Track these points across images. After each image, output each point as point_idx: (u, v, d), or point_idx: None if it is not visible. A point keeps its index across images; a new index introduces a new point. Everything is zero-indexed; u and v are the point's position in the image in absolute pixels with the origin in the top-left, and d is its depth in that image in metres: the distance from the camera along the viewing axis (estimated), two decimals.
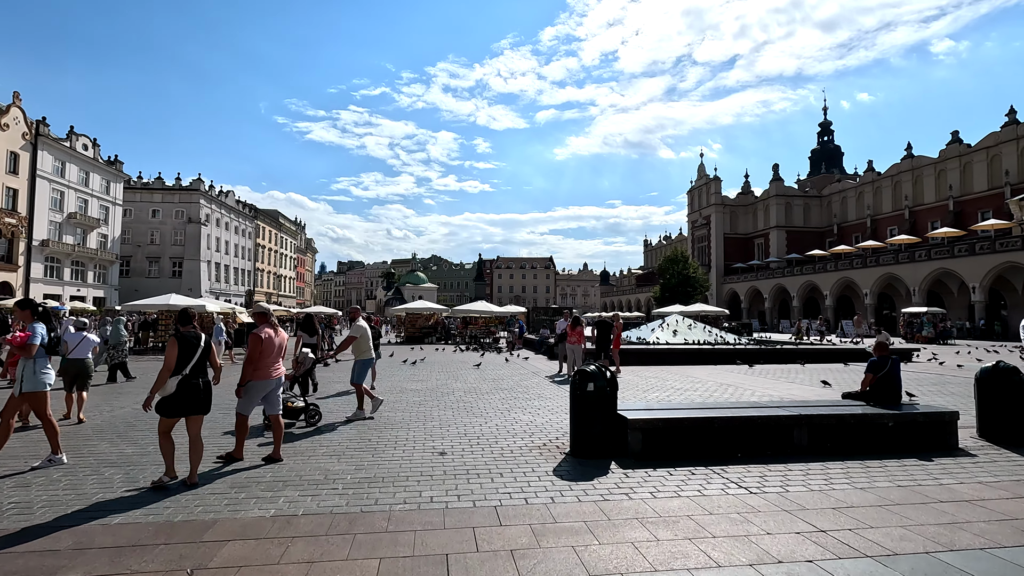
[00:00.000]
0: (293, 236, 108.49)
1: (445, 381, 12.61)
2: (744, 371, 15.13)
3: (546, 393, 10.69)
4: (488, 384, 12.06)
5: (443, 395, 10.36)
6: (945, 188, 55.03)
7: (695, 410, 6.32)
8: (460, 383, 12.23)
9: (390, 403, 9.32)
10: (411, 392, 10.71)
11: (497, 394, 10.52)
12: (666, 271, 57.22)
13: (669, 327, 22.22)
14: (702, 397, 10.06)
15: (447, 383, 12.26)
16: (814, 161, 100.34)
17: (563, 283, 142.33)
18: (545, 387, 11.55)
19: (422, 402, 9.48)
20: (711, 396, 10.23)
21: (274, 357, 5.65)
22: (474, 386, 11.72)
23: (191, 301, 23.70)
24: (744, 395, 10.34)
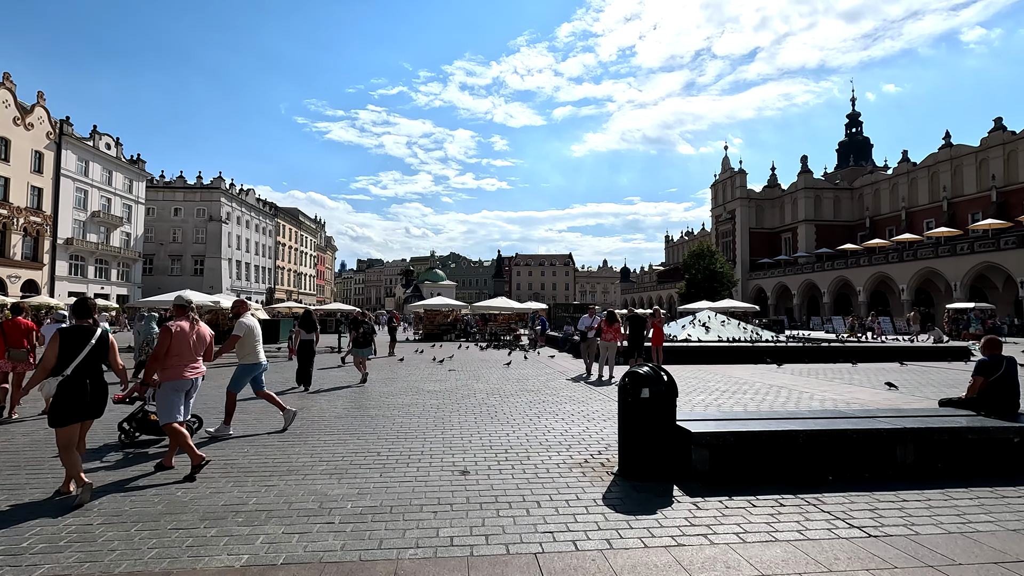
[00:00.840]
0: (313, 234, 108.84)
1: (466, 381, 11.62)
2: (791, 372, 13.87)
3: (577, 395, 9.63)
4: (512, 385, 11.04)
5: (463, 397, 9.36)
6: (987, 178, 52.39)
7: (769, 421, 5.20)
8: (482, 384, 11.23)
9: (404, 407, 8.35)
10: (428, 394, 9.74)
11: (523, 396, 9.49)
12: (692, 266, 55.52)
13: (701, 323, 20.97)
14: (755, 402, 8.89)
15: (468, 383, 11.27)
16: (842, 154, 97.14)
17: (582, 280, 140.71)
18: (575, 389, 10.48)
19: (440, 406, 8.49)
20: (764, 401, 9.06)
21: (189, 355, 5.12)
22: (497, 387, 10.71)
23: (206, 297, 23.14)
24: (803, 400, 9.14)
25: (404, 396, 9.46)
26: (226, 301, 23.68)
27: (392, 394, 9.73)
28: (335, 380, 11.84)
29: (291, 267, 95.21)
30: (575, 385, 11.03)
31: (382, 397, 9.36)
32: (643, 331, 12.74)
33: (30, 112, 46.31)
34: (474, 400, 9.05)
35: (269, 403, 6.92)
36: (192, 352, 5.18)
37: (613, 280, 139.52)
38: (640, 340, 12.69)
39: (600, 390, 10.37)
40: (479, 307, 31.56)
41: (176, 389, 5.02)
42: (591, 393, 9.95)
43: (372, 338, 12.01)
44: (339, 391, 10.20)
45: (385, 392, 9.96)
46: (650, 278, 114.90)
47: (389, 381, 11.66)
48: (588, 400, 9.10)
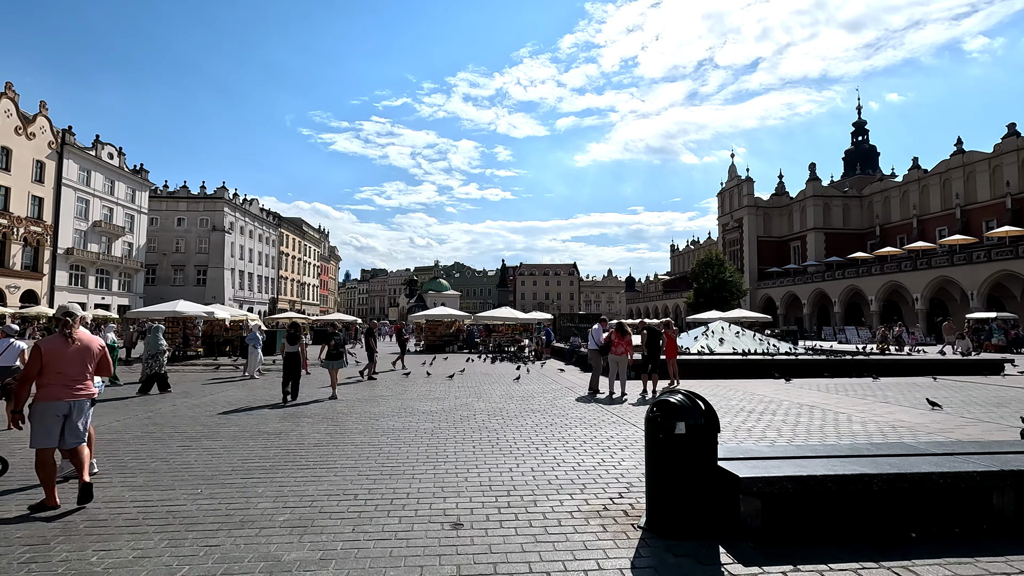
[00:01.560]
0: (317, 244, 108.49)
1: (466, 399, 10.71)
2: (816, 388, 12.87)
3: (589, 417, 8.69)
4: (516, 404, 10.11)
5: (462, 420, 8.44)
6: (1002, 185, 51.29)
7: (830, 460, 4.25)
8: (484, 402, 10.30)
9: (395, 432, 7.44)
10: (422, 416, 8.82)
11: (528, 418, 8.56)
12: (700, 275, 54.50)
13: (715, 335, 19.98)
14: (789, 426, 7.93)
15: (468, 401, 10.35)
16: (848, 162, 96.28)
17: (587, 289, 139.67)
18: (586, 410, 9.54)
19: (435, 431, 7.56)
20: (799, 424, 8.10)
21: (69, 372, 4.50)
22: (499, 406, 9.79)
23: (199, 308, 22.35)
24: (843, 423, 8.17)
25: (396, 418, 8.55)
26: (221, 312, 22.91)
27: (383, 415, 8.82)
28: (324, 395, 10.95)
29: (294, 277, 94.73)
30: (585, 405, 10.08)
31: (372, 419, 8.46)
32: (659, 344, 11.82)
33: (32, 122, 46.02)
34: (473, 423, 8.13)
35: None
36: (74, 369, 4.53)
37: (618, 289, 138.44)
38: (656, 354, 11.75)
39: (612, 410, 9.43)
40: (483, 317, 30.67)
41: (52, 412, 4.38)
42: (603, 414, 9.00)
43: (344, 350, 11.88)
44: (326, 409, 9.31)
45: (376, 413, 9.05)
46: (655, 288, 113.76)
47: (382, 399, 10.75)
48: (601, 423, 8.16)
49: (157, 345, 11.71)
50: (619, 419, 8.50)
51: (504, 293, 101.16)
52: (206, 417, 8.55)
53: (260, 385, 13.16)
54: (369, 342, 15.35)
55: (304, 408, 9.57)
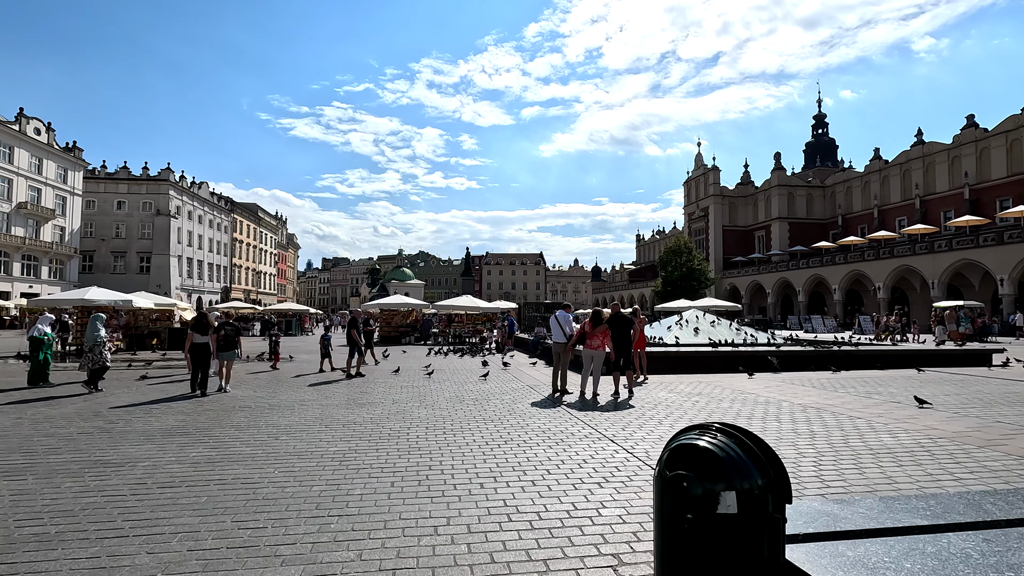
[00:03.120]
0: (273, 231, 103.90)
1: (406, 404, 8.80)
2: (810, 384, 11.46)
3: (555, 429, 6.91)
4: (466, 411, 8.25)
5: (390, 437, 6.54)
6: (960, 175, 51.99)
7: (963, 533, 2.51)
8: (426, 408, 8.41)
9: (292, 459, 5.48)
10: (341, 429, 6.87)
11: (478, 432, 6.72)
12: (668, 263, 53.63)
13: (689, 324, 18.55)
14: (808, 441, 6.30)
15: (407, 408, 8.45)
16: (809, 154, 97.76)
17: (553, 279, 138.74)
18: (552, 418, 7.75)
19: (347, 455, 5.63)
20: (815, 436, 6.51)
21: None
22: (445, 414, 7.92)
23: (114, 296, 19.60)
24: (868, 434, 6.62)
25: (303, 434, 6.57)
26: (141, 301, 20.23)
27: (289, 430, 6.83)
28: (240, 395, 8.86)
29: (249, 265, 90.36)
30: (550, 411, 8.28)
31: (271, 437, 6.46)
32: (630, 334, 10.05)
33: None
34: (403, 443, 6.23)
35: None
36: None
37: (584, 279, 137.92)
38: (627, 346, 9.99)
39: (582, 417, 7.67)
40: (442, 306, 28.63)
41: None
42: (571, 424, 7.23)
43: (237, 340, 11.17)
44: (215, 420, 7.25)
45: (282, 427, 7.04)
46: (621, 277, 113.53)
47: (301, 406, 8.74)
48: (569, 438, 6.39)
49: (94, 336, 10.66)
50: (591, 431, 6.74)
51: (468, 282, 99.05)
52: (61, 427, 6.40)
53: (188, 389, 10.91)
54: (351, 334, 13.30)
55: (197, 416, 7.48)
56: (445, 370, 14.38)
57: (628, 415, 7.80)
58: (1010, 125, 47.87)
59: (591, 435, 6.47)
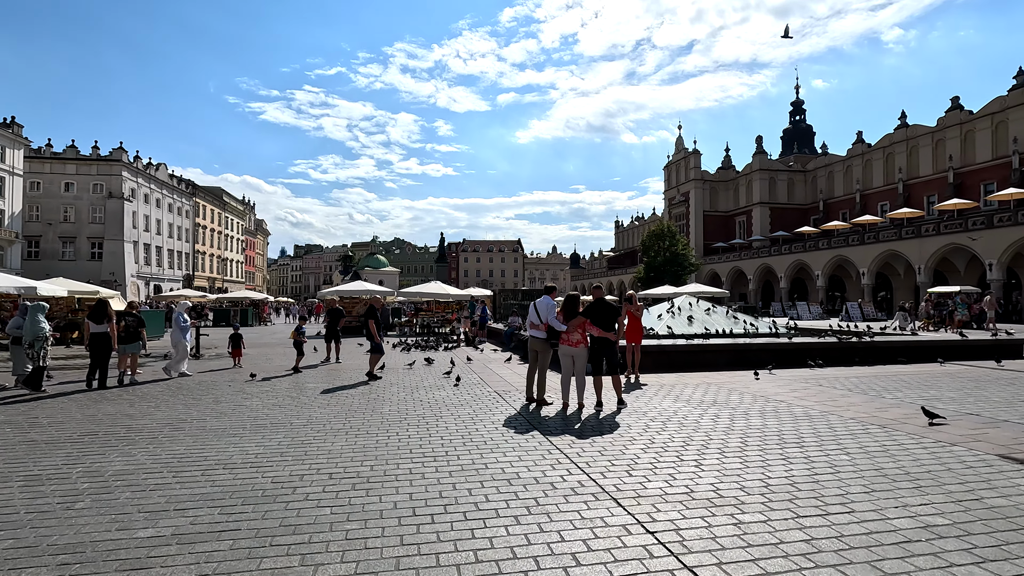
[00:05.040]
0: (240, 216, 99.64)
1: (322, 426, 6.54)
2: (832, 383, 9.51)
3: (524, 478, 4.72)
4: (402, 439, 6.02)
5: (258, 501, 4.28)
6: (944, 159, 51.08)
7: None
8: (345, 437, 6.14)
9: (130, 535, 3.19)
10: (191, 474, 4.59)
11: (406, 487, 4.49)
12: (651, 248, 51.85)
13: (682, 312, 16.56)
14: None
15: (319, 435, 6.18)
16: (786, 141, 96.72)
17: (531, 266, 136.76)
18: (523, 454, 5.54)
19: (203, 522, 3.38)
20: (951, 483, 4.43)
21: None
22: (370, 445, 5.68)
23: (19, 282, 16.75)
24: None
25: (162, 478, 4.28)
26: (49, 288, 17.40)
27: (99, 475, 4.53)
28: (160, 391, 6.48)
29: (214, 252, 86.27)
30: (520, 440, 6.07)
31: (115, 490, 4.16)
32: (615, 325, 7.82)
33: None
34: (270, 516, 3.98)
35: None
36: None
37: (563, 266, 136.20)
38: (613, 344, 7.70)
39: (568, 450, 5.51)
40: (408, 293, 26.21)
41: None
42: (551, 464, 5.05)
43: (141, 331, 10.38)
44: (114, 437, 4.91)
45: (127, 470, 4.74)
46: (600, 264, 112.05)
47: (174, 429, 6.40)
48: (547, 498, 4.20)
49: (36, 329, 9.30)
50: (580, 477, 4.58)
51: (443, 269, 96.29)
52: None
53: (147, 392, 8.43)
54: (370, 327, 11.01)
55: None
56: (399, 369, 12.12)
57: (630, 443, 5.66)
58: (996, 107, 46.93)
59: (580, 487, 4.30)
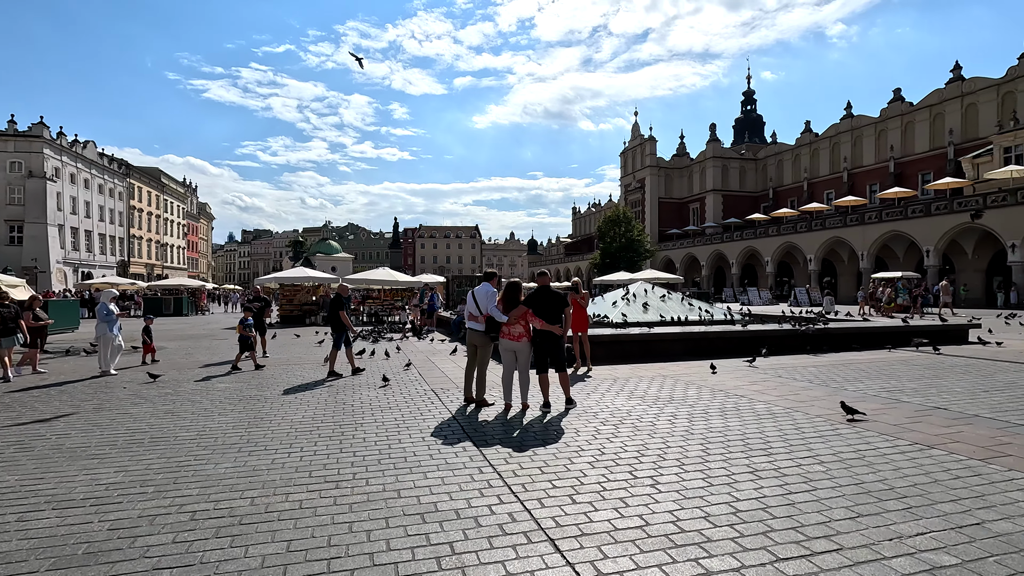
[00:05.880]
0: (181, 199, 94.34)
1: (213, 439, 5.49)
2: (792, 375, 9.06)
3: (444, 512, 3.83)
4: (307, 454, 5.05)
5: (106, 551, 3.25)
6: (886, 149, 52.86)
7: None
8: (235, 456, 5.12)
9: None
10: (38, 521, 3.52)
11: (289, 532, 3.54)
12: (607, 233, 51.67)
13: (637, 299, 16.02)
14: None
15: (203, 452, 5.13)
16: (738, 130, 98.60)
17: (489, 252, 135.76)
18: (449, 474, 4.68)
19: None
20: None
21: None
22: (262, 466, 4.68)
23: None
24: None
25: None
26: None
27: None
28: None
29: (152, 236, 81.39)
30: (449, 453, 5.19)
31: None
32: (562, 316, 6.84)
33: None
34: (119, 566, 2.97)
35: None
36: None
37: (520, 253, 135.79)
38: (559, 338, 6.70)
39: (504, 469, 4.66)
40: (354, 280, 24.82)
41: None
42: (482, 490, 4.20)
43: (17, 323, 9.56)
44: None
45: None
46: (558, 250, 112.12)
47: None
48: (475, 545, 3.35)
49: None
50: (515, 507, 3.74)
51: (397, 255, 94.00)
52: None
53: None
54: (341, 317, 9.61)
55: None
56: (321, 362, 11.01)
57: (576, 455, 4.87)
58: (934, 99, 48.70)
59: (511, 523, 3.45)
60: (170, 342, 15.37)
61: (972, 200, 36.31)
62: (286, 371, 10.07)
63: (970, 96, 45.65)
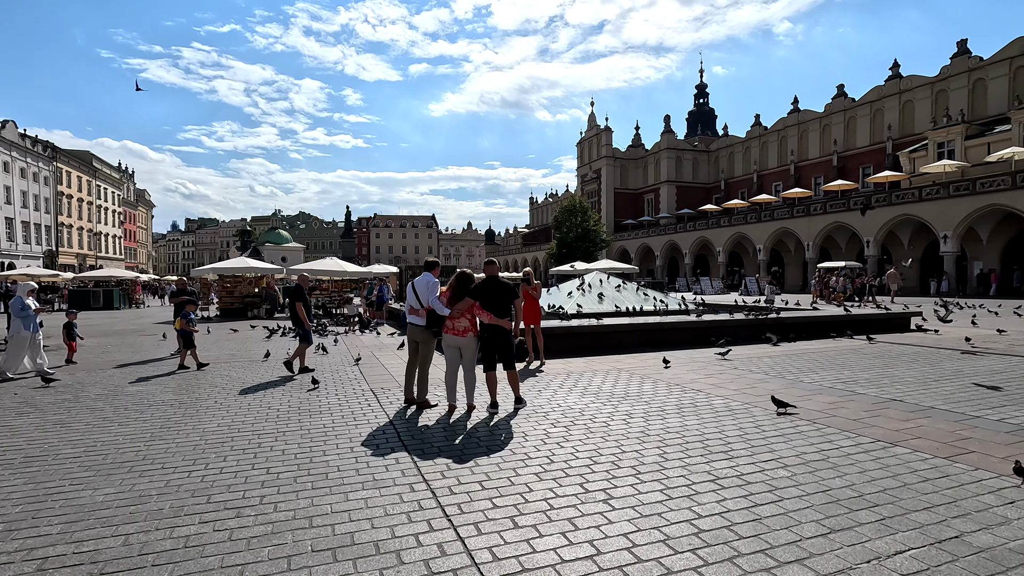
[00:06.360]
0: (116, 186, 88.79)
1: (114, 452, 4.73)
2: (748, 367, 8.87)
3: (361, 544, 3.28)
4: (216, 472, 4.39)
5: None
6: (830, 143, 54.71)
7: None
8: (116, 483, 4.41)
9: None
10: None
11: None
12: (563, 223, 51.53)
13: (592, 290, 15.72)
14: None
15: (85, 480, 4.40)
16: (691, 123, 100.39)
17: (446, 242, 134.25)
18: (377, 494, 4.11)
19: None
20: None
21: None
22: (152, 495, 3.99)
23: None
24: None
25: None
26: None
27: None
28: None
29: (84, 225, 76.29)
30: (380, 466, 4.63)
31: None
32: (510, 308, 6.26)
33: None
34: None
35: None
36: None
37: (478, 243, 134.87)
38: (508, 332, 6.14)
39: (441, 487, 4.12)
40: (299, 270, 23.60)
41: None
42: (412, 515, 3.65)
43: None
44: None
45: None
46: (515, 240, 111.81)
47: None
48: None
49: None
50: (446, 536, 3.21)
51: (350, 245, 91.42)
52: None
53: None
54: (299, 310, 8.77)
55: None
56: (256, 360, 10.18)
57: (522, 465, 4.40)
58: (874, 96, 50.62)
59: (440, 559, 2.91)
60: (90, 339, 14.05)
61: (909, 193, 37.95)
62: (214, 371, 9.19)
63: (907, 93, 47.64)
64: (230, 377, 8.54)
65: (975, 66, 42.28)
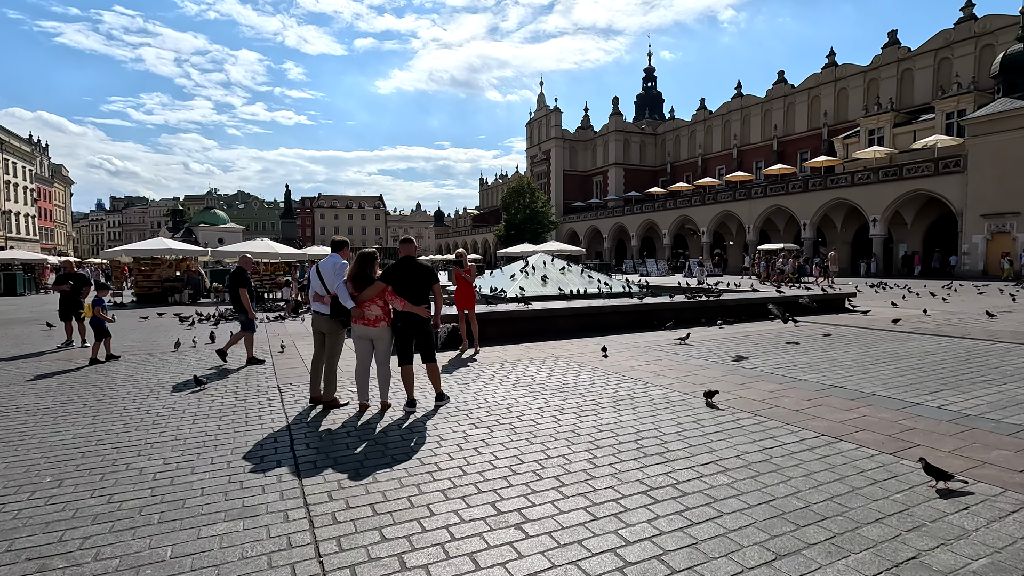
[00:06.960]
0: (28, 160, 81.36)
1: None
2: (692, 353, 8.56)
3: None
4: (53, 497, 3.56)
5: None
6: (771, 128, 56.14)
7: None
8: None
9: None
10: None
11: None
12: (511, 205, 50.88)
13: (536, 272, 15.21)
14: None
15: None
16: (639, 106, 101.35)
17: (394, 224, 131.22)
18: (244, 527, 3.40)
19: None
20: None
21: None
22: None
23: None
24: None
25: None
26: None
27: None
28: None
29: None
30: (252, 486, 3.90)
31: None
32: (427, 294, 5.45)
33: None
34: None
35: None
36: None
37: (427, 224, 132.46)
38: (425, 321, 5.38)
39: (323, 515, 3.45)
40: (225, 253, 21.99)
41: None
42: (265, 562, 2.96)
43: None
44: None
45: None
46: (465, 222, 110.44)
47: None
48: None
49: None
50: None
51: (291, 226, 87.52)
52: None
53: None
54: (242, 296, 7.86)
55: None
56: (164, 352, 9.10)
57: (430, 478, 3.78)
58: (812, 83, 52.14)
59: None
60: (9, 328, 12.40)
61: (842, 177, 39.37)
62: (106, 366, 8.08)
63: (842, 81, 49.29)
64: (118, 374, 7.48)
65: (904, 56, 44.06)
